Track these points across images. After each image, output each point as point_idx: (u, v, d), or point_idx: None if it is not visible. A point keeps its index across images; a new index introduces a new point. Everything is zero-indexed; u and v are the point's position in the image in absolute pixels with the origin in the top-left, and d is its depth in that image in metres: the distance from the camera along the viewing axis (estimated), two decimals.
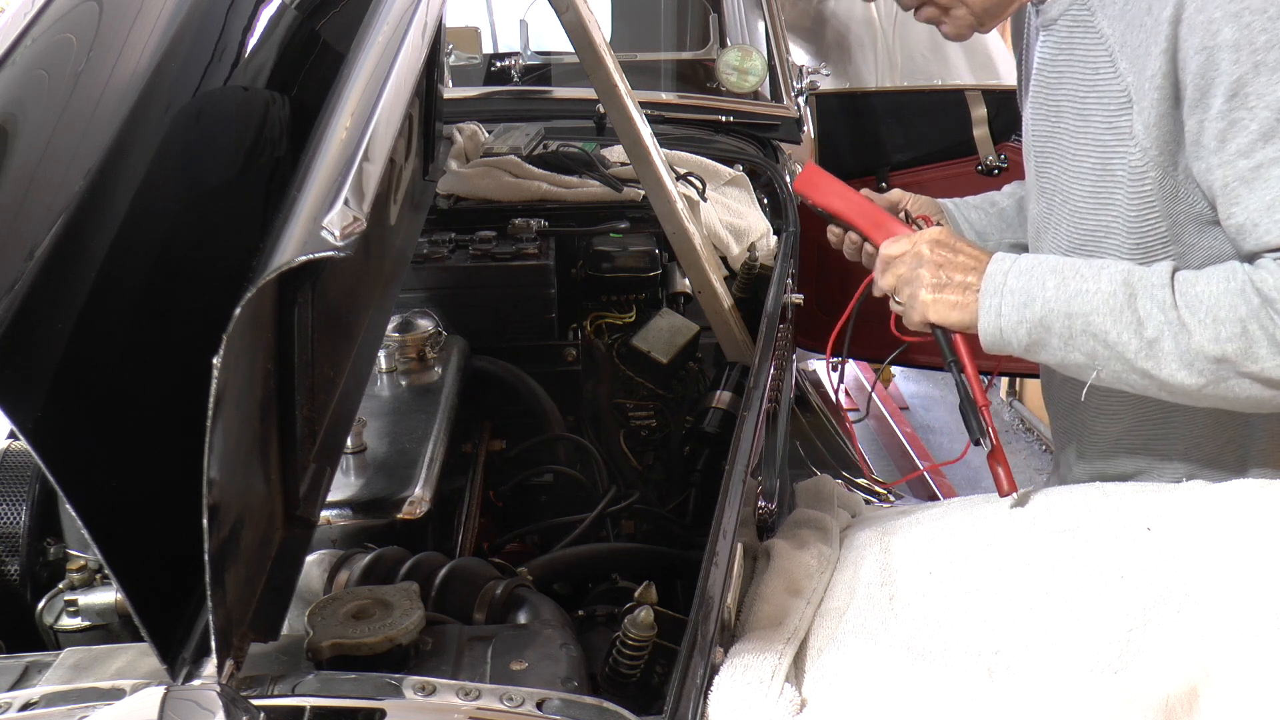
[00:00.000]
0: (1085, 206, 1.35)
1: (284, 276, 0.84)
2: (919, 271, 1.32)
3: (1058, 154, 1.38)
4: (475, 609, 1.28)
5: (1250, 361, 1.17)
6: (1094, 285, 1.23)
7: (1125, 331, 1.21)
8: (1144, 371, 1.21)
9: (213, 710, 0.87)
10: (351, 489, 1.48)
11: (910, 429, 4.51)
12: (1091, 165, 1.33)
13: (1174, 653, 1.04)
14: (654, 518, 1.89)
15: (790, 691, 1.04)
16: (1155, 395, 1.25)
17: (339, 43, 1.30)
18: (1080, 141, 1.33)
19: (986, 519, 1.29)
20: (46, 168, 0.98)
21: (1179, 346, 1.19)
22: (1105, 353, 1.23)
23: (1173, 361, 1.19)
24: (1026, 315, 1.25)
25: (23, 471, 1.41)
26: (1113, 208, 1.32)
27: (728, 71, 2.99)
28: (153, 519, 0.97)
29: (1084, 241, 1.37)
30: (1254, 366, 1.17)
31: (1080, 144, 1.33)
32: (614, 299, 2.33)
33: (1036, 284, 1.25)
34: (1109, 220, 1.33)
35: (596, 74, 1.82)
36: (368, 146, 0.93)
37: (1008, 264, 1.28)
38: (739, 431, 1.50)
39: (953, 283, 1.31)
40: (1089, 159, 1.33)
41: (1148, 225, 1.31)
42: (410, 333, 1.83)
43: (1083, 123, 1.32)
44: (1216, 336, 1.17)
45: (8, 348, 0.85)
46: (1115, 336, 1.21)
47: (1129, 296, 1.21)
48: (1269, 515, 1.17)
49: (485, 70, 3.54)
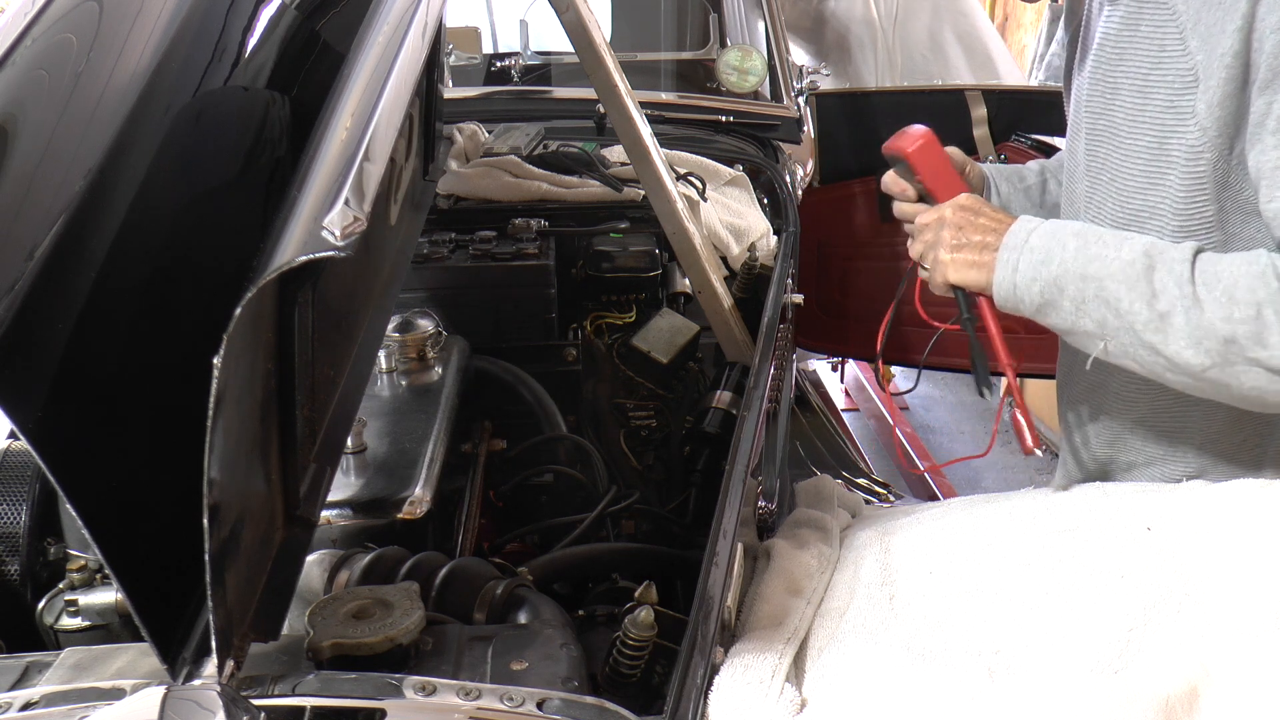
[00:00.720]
0: (1135, 185, 1.34)
1: (284, 276, 0.84)
2: (941, 234, 1.36)
3: (1110, 132, 1.37)
4: (475, 609, 1.28)
5: (1259, 346, 1.16)
6: (1114, 252, 1.23)
7: (1138, 301, 1.20)
8: (1151, 346, 1.21)
9: (213, 710, 0.87)
10: (352, 489, 1.48)
11: (910, 429, 4.51)
12: (1147, 144, 1.31)
13: (1174, 653, 1.04)
14: (654, 518, 1.89)
15: (790, 691, 1.04)
16: (1159, 376, 1.24)
17: (339, 43, 1.30)
18: (1137, 120, 1.32)
19: (987, 519, 1.29)
20: (46, 168, 0.98)
21: (1189, 322, 1.18)
22: (1115, 322, 1.22)
23: (1181, 337, 1.18)
24: (1042, 273, 1.26)
25: (23, 471, 1.41)
26: (1163, 188, 1.31)
27: (728, 71, 2.99)
28: (153, 519, 0.97)
29: (1129, 222, 1.35)
30: (1262, 352, 1.16)
31: (1137, 123, 1.32)
32: (614, 299, 2.33)
33: (1057, 244, 1.27)
34: (1158, 201, 1.32)
35: (596, 74, 1.82)
36: (368, 146, 0.93)
37: (1034, 224, 1.30)
38: (739, 431, 1.50)
39: (970, 243, 1.34)
40: (1145, 137, 1.31)
41: (1195, 208, 1.29)
42: (410, 333, 1.83)
43: (1142, 100, 1.31)
44: (1229, 316, 1.16)
45: (8, 348, 0.85)
46: (1127, 305, 1.21)
47: (1147, 267, 1.21)
48: (1269, 515, 1.17)
49: (485, 70, 3.54)
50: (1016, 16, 5.79)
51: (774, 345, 1.83)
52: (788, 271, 2.22)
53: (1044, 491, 1.34)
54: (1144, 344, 1.21)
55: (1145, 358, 1.23)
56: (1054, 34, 5.10)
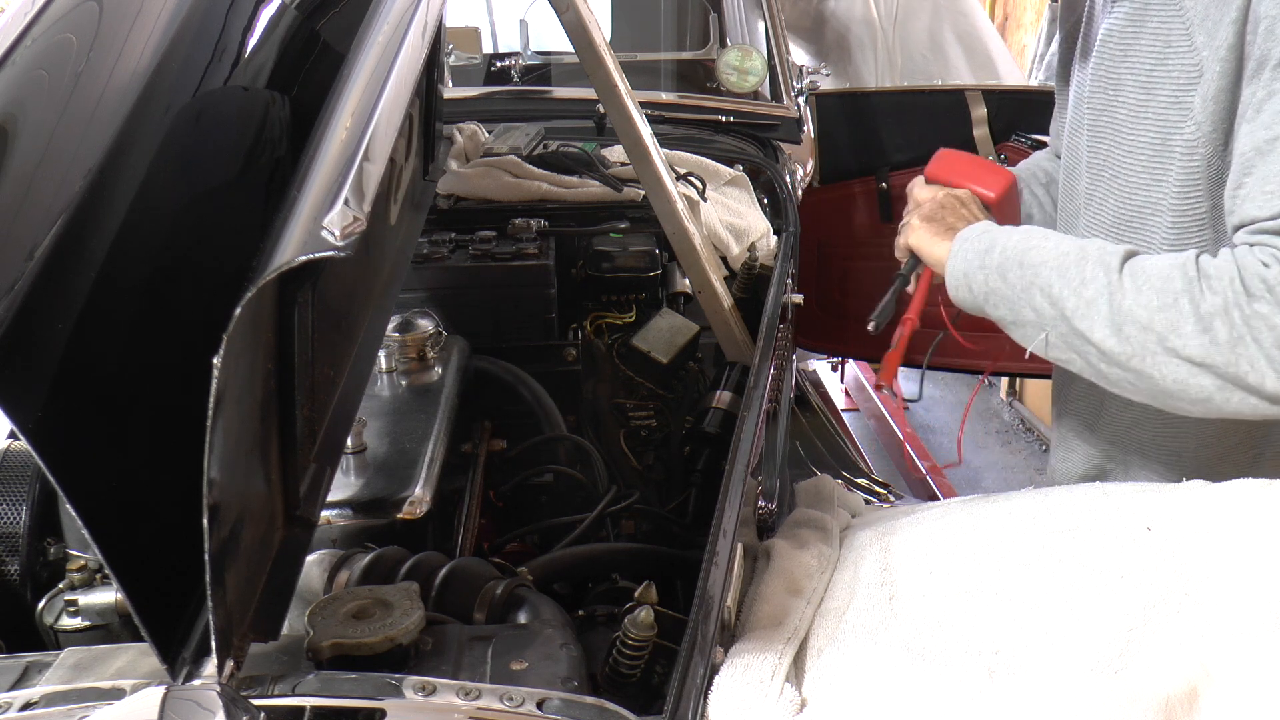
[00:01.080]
0: (1136, 182, 1.34)
1: (284, 276, 0.84)
2: (926, 207, 1.46)
3: (1112, 128, 1.37)
4: (475, 609, 1.28)
5: (1175, 335, 1.16)
6: (1053, 243, 1.27)
7: (1067, 288, 1.23)
8: (1080, 334, 1.22)
9: (213, 710, 0.87)
10: (351, 489, 1.48)
11: (910, 429, 4.51)
12: (1149, 141, 1.31)
13: (1174, 653, 1.04)
14: (654, 518, 1.89)
15: (790, 691, 1.04)
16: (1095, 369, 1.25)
17: (339, 43, 1.30)
18: (1140, 116, 1.32)
19: (987, 519, 1.29)
20: (46, 168, 0.98)
21: (1112, 308, 1.19)
22: (1050, 310, 1.24)
23: (1104, 324, 1.20)
24: (986, 261, 1.31)
25: (23, 471, 1.41)
26: (1164, 185, 1.31)
27: (728, 71, 2.99)
28: (153, 519, 0.97)
29: (1129, 218, 1.36)
30: (1178, 341, 1.16)
31: (1140, 119, 1.32)
32: (614, 299, 2.33)
33: (1003, 235, 1.32)
34: (1158, 198, 1.32)
35: (596, 74, 1.82)
36: (368, 146, 0.93)
37: (992, 225, 1.37)
38: (739, 431, 1.50)
39: (943, 221, 1.41)
40: (1148, 134, 1.31)
41: (1190, 204, 1.29)
42: (410, 333, 1.83)
43: (1146, 97, 1.31)
44: (1147, 304, 1.17)
45: (8, 348, 0.85)
46: (1058, 291, 1.23)
47: (1080, 257, 1.23)
48: (1269, 515, 1.17)
49: (485, 70, 3.54)
50: (1016, 16, 5.79)
51: (774, 345, 1.83)
52: (788, 271, 2.22)
53: (1044, 491, 1.34)
54: (1075, 331, 1.23)
55: (1079, 346, 1.24)
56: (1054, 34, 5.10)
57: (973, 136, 3.19)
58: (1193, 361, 1.16)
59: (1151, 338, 1.18)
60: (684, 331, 2.21)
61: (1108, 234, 1.41)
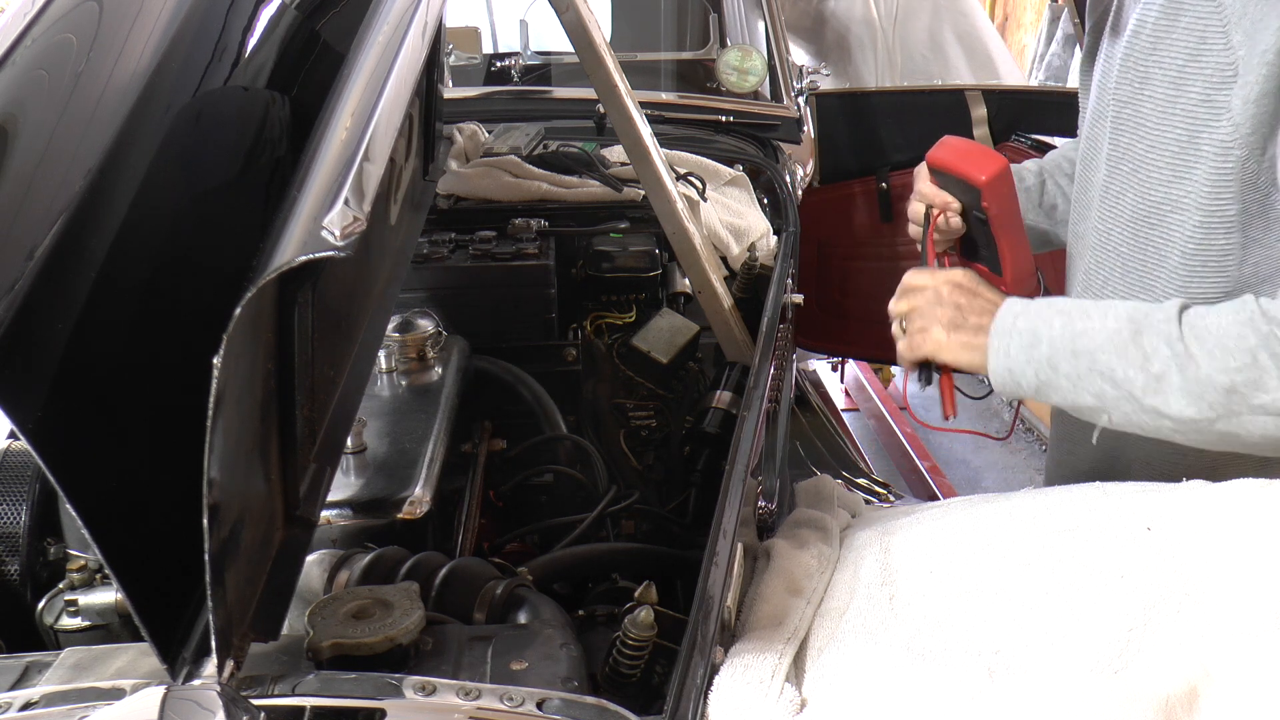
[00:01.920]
0: (1158, 178, 1.32)
1: (284, 276, 0.84)
2: (936, 310, 1.34)
3: (1136, 121, 1.34)
4: (475, 609, 1.28)
5: (1260, 391, 1.14)
6: (1099, 323, 1.22)
7: (1131, 368, 1.19)
8: (1153, 409, 1.19)
9: (213, 710, 0.87)
10: (351, 489, 1.48)
11: (910, 429, 4.51)
12: (1176, 137, 1.29)
13: (1174, 653, 1.04)
14: (654, 518, 1.89)
15: (790, 691, 1.04)
16: (1170, 437, 1.22)
17: (339, 43, 1.30)
18: (1168, 112, 1.30)
19: (987, 519, 1.29)
20: (46, 168, 0.98)
21: (1186, 379, 1.16)
22: (1113, 392, 1.21)
23: (1180, 396, 1.17)
24: (1034, 355, 1.25)
25: (23, 471, 1.41)
26: (1189, 183, 1.29)
27: (728, 71, 2.98)
28: (153, 519, 0.97)
29: (1149, 213, 1.34)
30: (1265, 397, 1.14)
31: (1167, 115, 1.30)
32: (614, 299, 2.33)
33: (1044, 324, 1.25)
34: (1181, 195, 1.30)
35: (596, 74, 1.82)
36: (368, 146, 0.93)
37: (1019, 307, 1.29)
38: (739, 431, 1.50)
39: (968, 324, 1.32)
40: (1174, 130, 1.29)
41: (1220, 205, 1.27)
42: (410, 333, 1.83)
43: (1175, 92, 1.28)
44: (1225, 366, 1.14)
45: (8, 348, 0.85)
46: (1122, 374, 1.19)
47: (1134, 332, 1.19)
48: (1269, 515, 1.17)
49: (485, 70, 3.54)
50: (1016, 16, 5.79)
51: (774, 345, 1.83)
52: (788, 271, 2.22)
53: (1044, 491, 1.34)
54: (1145, 409, 1.20)
55: (1149, 422, 1.21)
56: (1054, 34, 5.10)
57: (973, 136, 3.20)
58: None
59: (1236, 400, 1.15)
60: (684, 331, 2.21)
61: (1124, 228, 1.38)
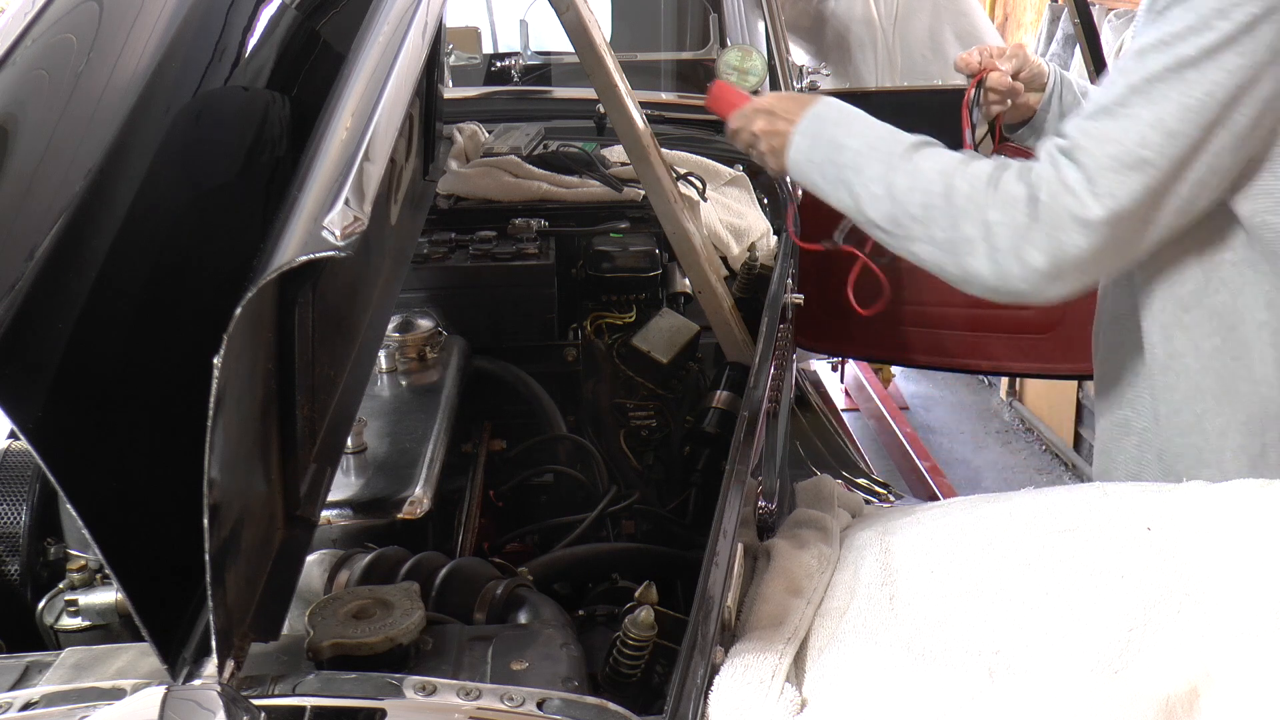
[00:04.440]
0: None
1: (284, 276, 0.84)
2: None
3: None
4: (476, 609, 1.28)
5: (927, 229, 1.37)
6: (860, 144, 1.50)
7: (860, 185, 1.46)
8: (868, 221, 1.47)
9: (213, 710, 0.87)
10: (352, 489, 1.48)
11: (910, 429, 4.52)
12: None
13: (1174, 653, 1.04)
14: (654, 518, 1.89)
15: (791, 691, 1.04)
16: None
17: (339, 43, 1.30)
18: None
19: (987, 519, 1.29)
20: (46, 168, 0.98)
21: (892, 200, 1.41)
22: (849, 200, 1.48)
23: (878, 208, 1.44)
24: (812, 158, 1.55)
25: (23, 471, 1.41)
26: None
27: (728, 71, 2.97)
28: (153, 519, 0.97)
29: None
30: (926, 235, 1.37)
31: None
32: (614, 299, 2.33)
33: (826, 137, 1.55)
34: None
35: (596, 74, 1.82)
36: (368, 146, 0.93)
37: (811, 127, 1.57)
38: (739, 431, 1.50)
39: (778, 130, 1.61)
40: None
41: None
42: (410, 333, 1.83)
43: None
44: (914, 201, 1.38)
45: (8, 348, 0.85)
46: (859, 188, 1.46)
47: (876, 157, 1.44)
48: (1269, 515, 1.17)
49: (485, 70, 3.53)
50: (1016, 16, 5.79)
51: (774, 345, 1.83)
52: (788, 271, 2.22)
53: (1044, 491, 1.34)
54: (864, 221, 1.48)
55: (867, 227, 1.48)
56: (1054, 34, 5.10)
57: None
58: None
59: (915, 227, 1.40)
60: (684, 331, 2.21)
61: None
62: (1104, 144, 1.26)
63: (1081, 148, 1.27)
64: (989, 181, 1.33)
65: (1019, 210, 1.29)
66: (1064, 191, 1.27)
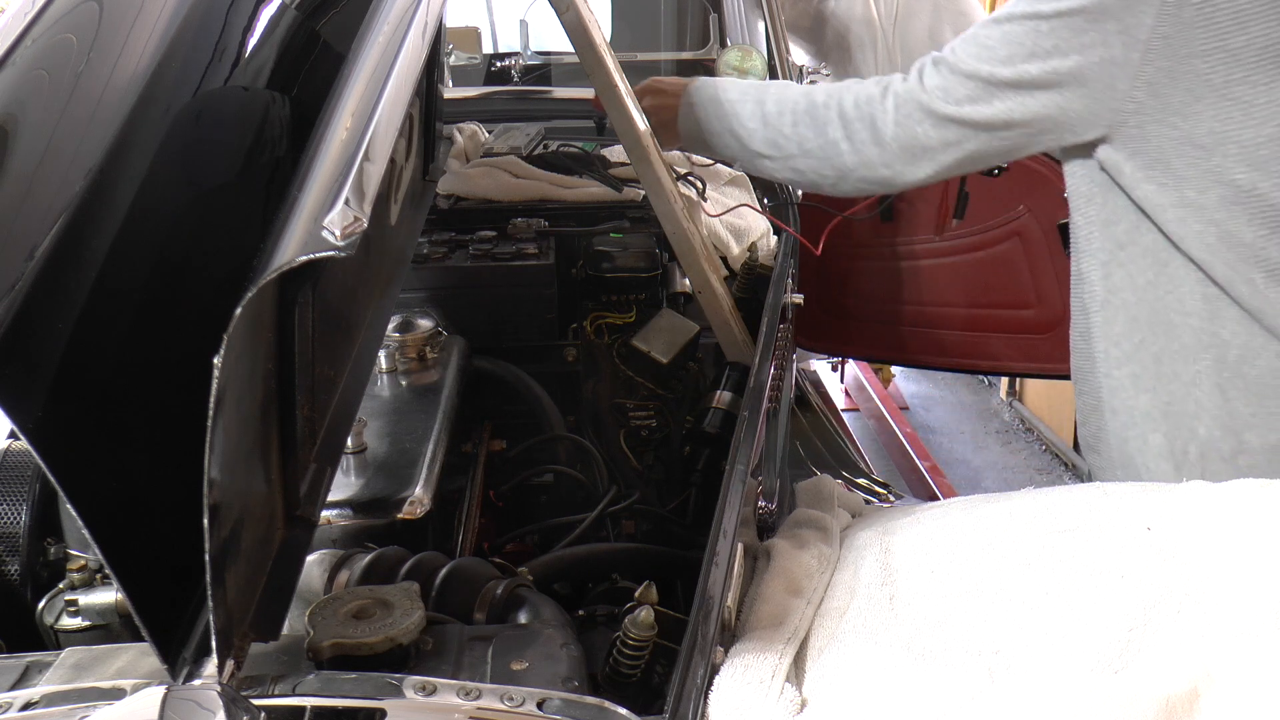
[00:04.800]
0: None
1: (284, 276, 0.84)
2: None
3: None
4: (476, 609, 1.28)
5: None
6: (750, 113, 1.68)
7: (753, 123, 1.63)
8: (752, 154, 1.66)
9: (213, 710, 0.87)
10: (352, 489, 1.48)
11: (910, 429, 4.51)
12: None
13: (1175, 653, 1.04)
14: (654, 518, 1.89)
15: (791, 691, 1.04)
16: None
17: (339, 43, 1.30)
18: None
19: (987, 519, 1.29)
20: (46, 168, 0.98)
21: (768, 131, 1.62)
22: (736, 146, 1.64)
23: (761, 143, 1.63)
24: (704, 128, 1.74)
25: (23, 471, 1.41)
26: None
27: (728, 71, 2.98)
28: (153, 519, 0.97)
29: None
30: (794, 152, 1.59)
31: None
32: (614, 299, 2.33)
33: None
34: None
35: (596, 74, 1.82)
36: (368, 146, 0.93)
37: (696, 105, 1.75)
38: (739, 431, 1.50)
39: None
40: None
41: None
42: (410, 333, 1.83)
43: None
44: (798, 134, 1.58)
45: (8, 348, 0.85)
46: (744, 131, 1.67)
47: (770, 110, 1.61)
48: (1269, 515, 1.17)
49: (485, 70, 3.53)
50: None
51: (774, 345, 1.83)
52: (788, 271, 2.22)
53: (1044, 491, 1.34)
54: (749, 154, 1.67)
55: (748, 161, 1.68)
56: None
57: None
58: None
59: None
60: (684, 331, 2.21)
61: None
62: (965, 63, 1.40)
63: (944, 58, 1.42)
64: (844, 87, 1.52)
65: (874, 100, 1.45)
66: (918, 88, 1.43)
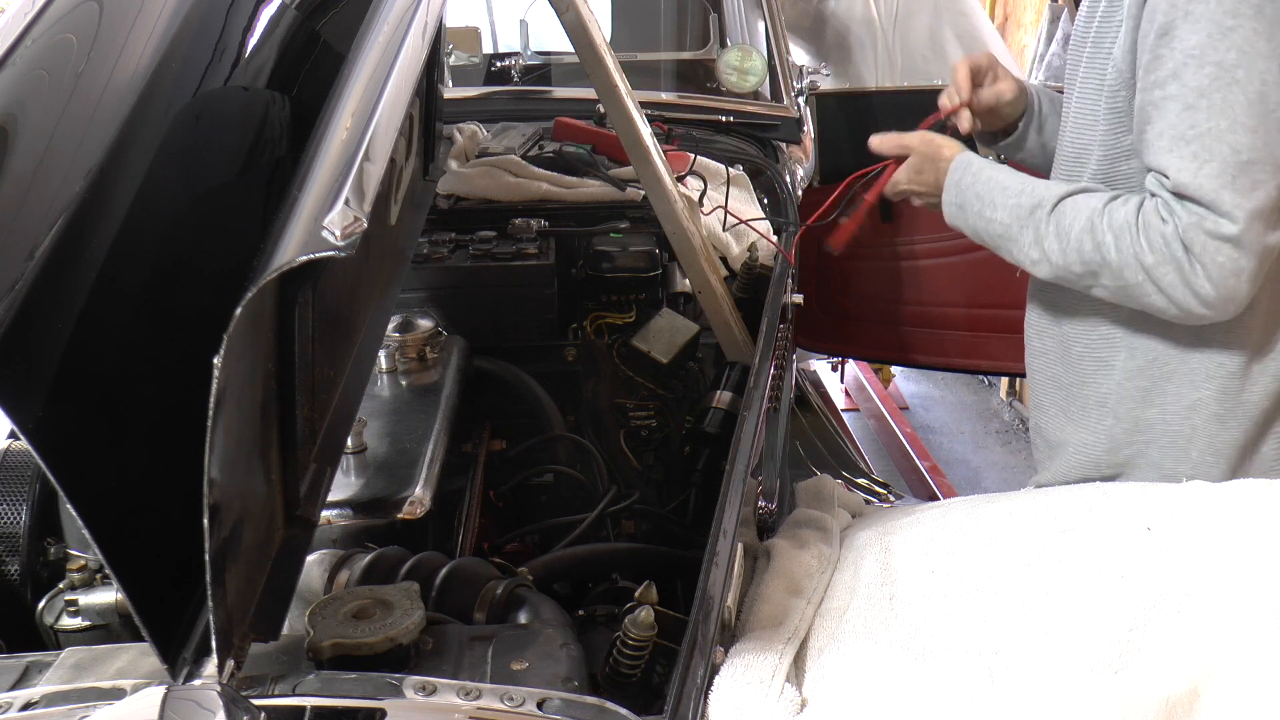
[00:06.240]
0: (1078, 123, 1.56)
1: (285, 276, 0.84)
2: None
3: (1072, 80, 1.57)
4: (476, 609, 1.28)
5: (1095, 281, 1.44)
6: (1002, 211, 1.55)
7: (1015, 249, 1.52)
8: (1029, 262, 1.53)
9: (213, 710, 0.87)
10: (352, 489, 1.48)
11: (910, 429, 4.51)
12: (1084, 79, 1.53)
13: (1174, 653, 1.04)
14: (654, 518, 1.89)
15: (791, 691, 1.04)
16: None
17: (339, 43, 1.30)
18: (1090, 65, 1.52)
19: (987, 519, 1.29)
20: (46, 168, 0.98)
21: (1050, 264, 1.49)
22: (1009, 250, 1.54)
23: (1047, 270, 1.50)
24: (964, 215, 1.59)
25: (23, 471, 1.41)
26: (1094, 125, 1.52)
27: (728, 71, 2.98)
28: (153, 519, 0.97)
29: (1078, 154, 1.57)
30: (1099, 284, 1.45)
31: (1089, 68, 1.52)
32: (614, 299, 2.33)
33: (974, 198, 1.59)
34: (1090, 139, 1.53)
35: (596, 74, 1.81)
36: (368, 146, 0.93)
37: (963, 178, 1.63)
38: (739, 431, 1.50)
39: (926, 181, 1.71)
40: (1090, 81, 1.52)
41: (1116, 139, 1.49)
42: (410, 333, 1.83)
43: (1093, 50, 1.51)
44: (1072, 262, 1.45)
45: (8, 348, 0.85)
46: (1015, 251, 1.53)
47: (1020, 227, 1.51)
48: (1269, 515, 1.17)
49: (485, 70, 3.53)
50: (1016, 16, 5.79)
51: (774, 345, 1.83)
52: (788, 271, 2.22)
53: (1044, 491, 1.34)
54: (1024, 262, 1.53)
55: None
56: (1054, 34, 5.09)
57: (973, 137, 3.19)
58: None
59: (1084, 280, 1.47)
60: (684, 331, 2.21)
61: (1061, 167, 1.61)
62: (1201, 169, 1.34)
63: (1183, 185, 1.35)
64: (1135, 229, 1.40)
65: (1174, 248, 1.36)
66: (1197, 225, 1.34)
